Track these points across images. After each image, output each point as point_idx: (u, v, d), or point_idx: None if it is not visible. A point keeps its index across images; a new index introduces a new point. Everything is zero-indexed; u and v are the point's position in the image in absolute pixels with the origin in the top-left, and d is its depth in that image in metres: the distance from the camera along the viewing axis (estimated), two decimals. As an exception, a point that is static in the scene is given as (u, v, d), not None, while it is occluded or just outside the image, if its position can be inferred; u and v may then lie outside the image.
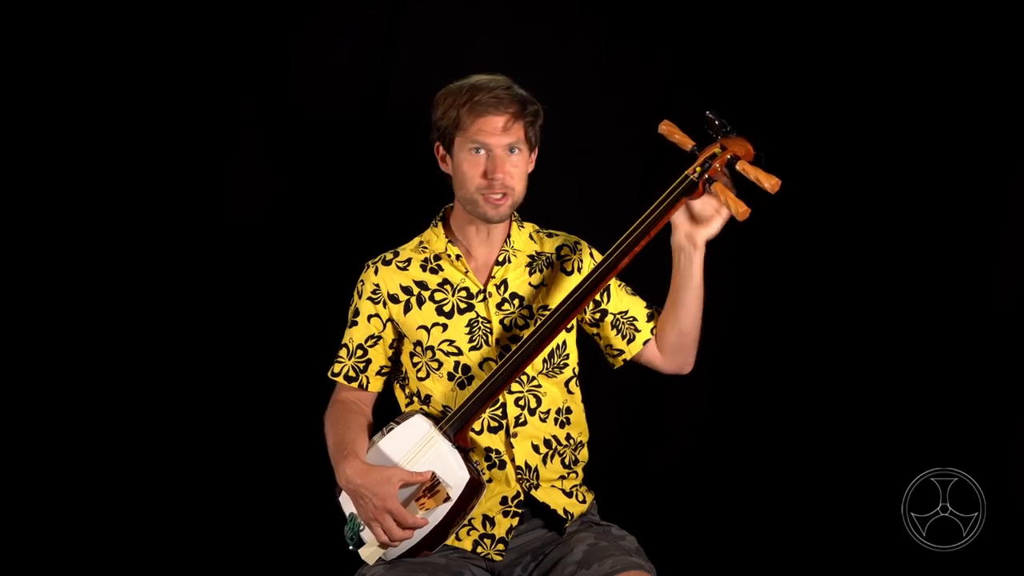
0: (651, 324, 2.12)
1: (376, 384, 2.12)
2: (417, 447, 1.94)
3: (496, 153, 1.98)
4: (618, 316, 2.12)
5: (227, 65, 2.66)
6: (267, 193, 2.72)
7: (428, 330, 2.05)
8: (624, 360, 2.15)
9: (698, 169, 1.90)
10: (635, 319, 2.12)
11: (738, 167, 1.87)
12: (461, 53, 2.70)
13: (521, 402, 2.05)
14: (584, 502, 2.11)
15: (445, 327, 2.04)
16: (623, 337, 2.13)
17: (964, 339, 2.60)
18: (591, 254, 2.16)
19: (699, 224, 1.93)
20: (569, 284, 2.10)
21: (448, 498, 1.90)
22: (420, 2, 2.70)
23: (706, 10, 2.78)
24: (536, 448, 2.05)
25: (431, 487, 1.91)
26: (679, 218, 1.94)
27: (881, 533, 2.63)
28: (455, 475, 1.90)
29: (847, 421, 2.72)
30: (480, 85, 2.00)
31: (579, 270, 2.13)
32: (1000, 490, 2.52)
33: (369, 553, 1.93)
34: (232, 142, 2.69)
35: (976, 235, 2.59)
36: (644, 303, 2.14)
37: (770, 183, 1.83)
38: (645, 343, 2.12)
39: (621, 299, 2.13)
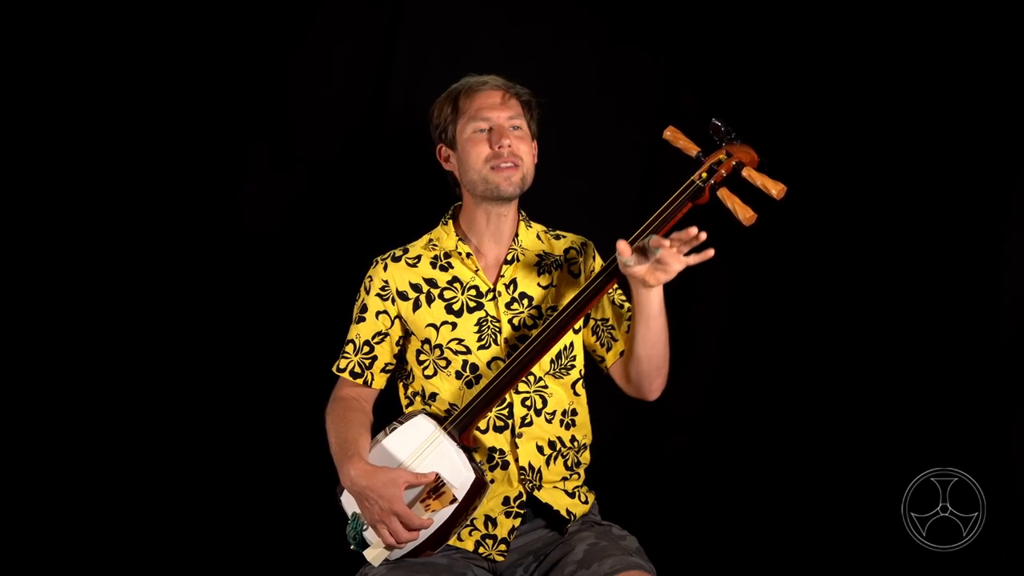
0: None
1: (380, 381, 2.12)
2: (421, 447, 1.94)
3: (499, 123, 2.02)
4: (599, 323, 2.12)
5: (228, 67, 2.66)
6: (269, 192, 2.71)
7: (437, 328, 2.05)
8: (607, 368, 2.15)
9: (704, 174, 1.91)
10: (614, 328, 2.12)
11: (744, 173, 1.88)
12: (461, 53, 2.71)
13: (528, 402, 2.05)
14: (586, 503, 2.11)
15: (454, 325, 2.04)
16: (602, 344, 2.13)
17: (964, 339, 2.61)
18: (593, 257, 2.16)
19: (657, 270, 1.87)
20: (577, 285, 2.11)
21: (454, 499, 1.90)
22: (420, 2, 2.70)
23: (706, 9, 2.78)
24: (540, 449, 2.05)
25: (436, 488, 1.91)
26: (639, 259, 1.87)
27: (881, 533, 2.64)
28: (461, 475, 1.90)
29: (847, 421, 2.72)
30: (472, 77, 2.08)
31: (587, 271, 2.13)
32: (1000, 490, 2.52)
33: (375, 555, 1.93)
34: (233, 142, 2.69)
35: (976, 237, 2.59)
36: (628, 316, 2.11)
37: (776, 189, 1.85)
38: (621, 354, 2.11)
39: (605, 306, 2.12)
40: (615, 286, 2.10)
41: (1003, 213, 2.56)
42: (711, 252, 1.84)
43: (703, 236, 1.81)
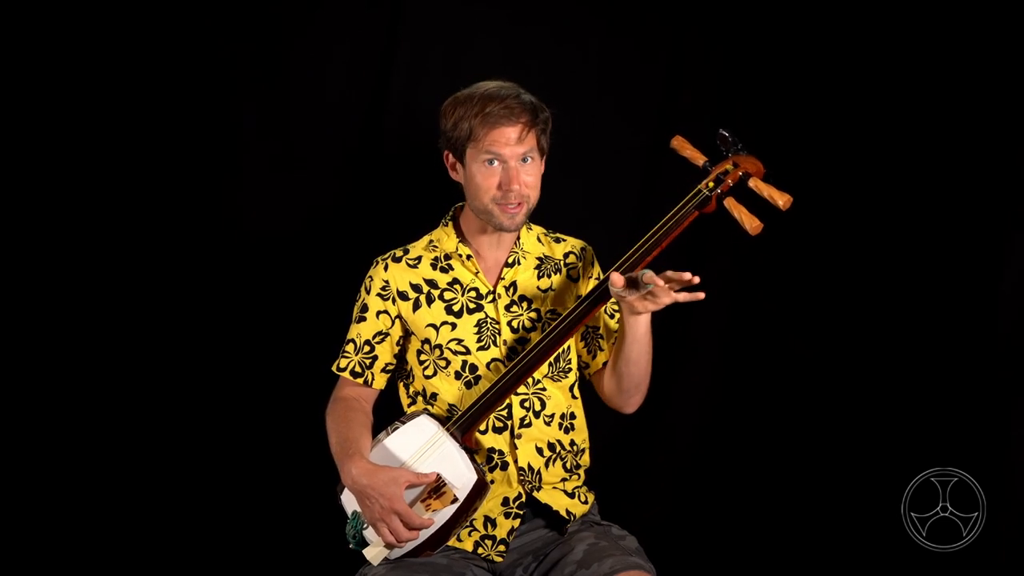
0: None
1: (380, 381, 2.12)
2: (424, 447, 1.94)
3: (510, 165, 1.97)
4: (590, 329, 2.13)
5: (228, 67, 2.66)
6: (269, 192, 2.71)
7: (437, 328, 2.05)
8: (589, 374, 2.15)
9: (711, 184, 1.91)
10: (602, 338, 2.13)
11: (750, 184, 1.89)
12: (461, 54, 2.71)
13: (526, 404, 2.05)
14: (586, 503, 2.11)
15: (454, 326, 2.05)
16: (589, 351, 2.14)
17: (964, 339, 2.61)
18: (592, 262, 2.17)
19: (646, 299, 1.87)
20: (576, 290, 2.11)
21: (455, 499, 1.90)
22: (420, 2, 2.70)
23: (706, 9, 2.78)
24: (540, 451, 2.06)
25: (437, 488, 1.91)
26: (630, 290, 1.87)
27: (881, 533, 2.64)
28: (462, 476, 1.90)
29: (847, 421, 2.72)
30: (491, 94, 1.97)
31: (586, 277, 2.13)
32: (1000, 490, 2.52)
33: (375, 554, 1.93)
34: (233, 142, 2.69)
35: (976, 237, 2.59)
36: (616, 326, 2.11)
37: (783, 200, 1.87)
38: (604, 364, 2.12)
39: (598, 315, 2.12)
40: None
41: (1003, 214, 2.56)
42: (702, 295, 1.84)
43: (696, 280, 1.82)
